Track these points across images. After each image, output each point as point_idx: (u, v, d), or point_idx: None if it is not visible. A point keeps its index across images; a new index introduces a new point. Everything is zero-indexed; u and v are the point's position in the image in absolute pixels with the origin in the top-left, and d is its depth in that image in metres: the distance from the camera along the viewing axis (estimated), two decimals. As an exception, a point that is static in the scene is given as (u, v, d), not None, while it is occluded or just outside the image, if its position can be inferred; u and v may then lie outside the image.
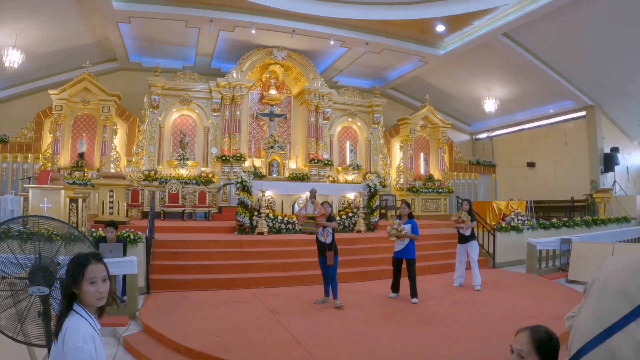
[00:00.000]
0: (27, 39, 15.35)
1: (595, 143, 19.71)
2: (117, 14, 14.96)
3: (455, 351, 6.01)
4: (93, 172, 17.15)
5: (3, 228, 3.86)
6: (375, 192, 15.40)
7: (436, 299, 9.06)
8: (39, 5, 14.14)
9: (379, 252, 12.19)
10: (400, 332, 6.83)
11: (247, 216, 13.57)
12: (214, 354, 5.75)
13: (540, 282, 11.14)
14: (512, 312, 7.99)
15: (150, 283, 9.38)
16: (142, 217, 16.50)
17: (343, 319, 7.54)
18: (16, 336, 3.49)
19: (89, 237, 4.02)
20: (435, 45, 18.52)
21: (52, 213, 9.85)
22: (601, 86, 18.44)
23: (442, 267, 12.09)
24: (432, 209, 21.44)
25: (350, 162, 20.62)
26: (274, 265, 10.99)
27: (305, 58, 19.54)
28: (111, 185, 13.81)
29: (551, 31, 15.81)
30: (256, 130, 19.92)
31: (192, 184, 17.78)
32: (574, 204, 19.58)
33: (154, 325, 6.91)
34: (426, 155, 22.67)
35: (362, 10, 16.23)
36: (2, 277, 3.66)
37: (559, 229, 14.70)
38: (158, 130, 18.28)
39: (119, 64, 19.69)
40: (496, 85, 20.43)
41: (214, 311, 7.96)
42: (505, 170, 24.64)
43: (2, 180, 17.28)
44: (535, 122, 22.55)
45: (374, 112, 21.36)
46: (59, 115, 16.95)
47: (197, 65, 20.12)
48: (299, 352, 5.92)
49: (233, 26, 16.53)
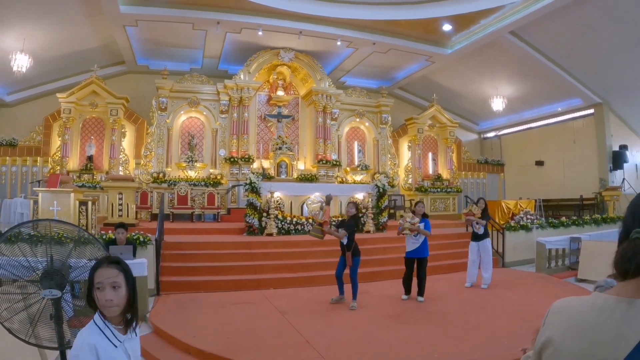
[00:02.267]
0: (35, 43, 15.42)
1: (603, 141, 19.59)
2: (124, 17, 15.00)
3: (465, 351, 6.00)
4: (102, 175, 17.18)
5: (14, 232, 3.89)
6: (383, 192, 15.38)
7: (445, 299, 9.05)
8: (46, 10, 14.21)
9: (387, 252, 12.19)
10: (409, 332, 6.83)
11: (256, 217, 13.57)
12: (224, 355, 5.76)
13: (550, 281, 11.10)
14: (522, 311, 7.95)
15: (160, 285, 9.41)
16: (152, 219, 16.52)
17: (352, 319, 7.54)
18: (28, 339, 3.51)
19: (99, 240, 4.05)
20: (442, 45, 18.48)
21: (62, 216, 9.89)
22: (609, 83, 18.35)
23: (451, 266, 12.06)
24: (440, 209, 21.39)
25: (359, 162, 20.57)
26: (283, 266, 11.00)
27: (312, 59, 19.53)
28: (120, 187, 13.85)
29: (558, 29, 15.75)
30: (264, 132, 19.95)
31: (201, 185, 17.80)
32: (583, 202, 19.49)
33: (164, 326, 6.93)
34: (434, 154, 22.61)
35: (368, 11, 16.21)
36: (13, 279, 3.69)
37: (568, 228, 14.61)
38: (166, 132, 18.33)
39: (126, 67, 19.75)
40: (504, 84, 20.36)
41: (223, 312, 7.98)
42: (513, 169, 24.57)
43: (11, 184, 17.38)
44: (543, 120, 22.44)
45: (381, 112, 21.33)
46: (67, 118, 17.03)
47: (204, 68, 20.16)
48: (309, 352, 5.92)
49: (240, 28, 16.55)
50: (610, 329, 1.66)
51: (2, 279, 3.78)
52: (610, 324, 1.67)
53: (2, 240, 3.78)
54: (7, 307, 3.56)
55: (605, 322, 1.69)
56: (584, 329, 1.72)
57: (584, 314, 1.73)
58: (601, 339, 1.65)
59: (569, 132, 21.01)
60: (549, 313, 1.86)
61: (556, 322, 1.80)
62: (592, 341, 1.66)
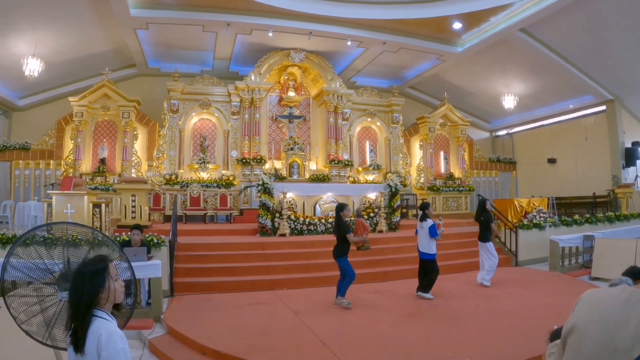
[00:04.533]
0: (46, 48, 15.55)
1: (616, 137, 19.43)
2: (134, 20, 15.08)
3: (478, 350, 5.97)
4: (115, 177, 17.26)
5: (29, 235, 3.92)
6: (396, 192, 15.36)
7: (459, 298, 9.01)
8: (57, 14, 14.32)
9: (400, 252, 12.17)
10: (423, 332, 6.82)
11: (269, 218, 13.59)
12: (239, 355, 5.78)
13: (564, 280, 11.04)
14: (535, 310, 7.91)
15: (174, 286, 9.45)
16: (164, 221, 16.58)
17: (367, 319, 7.54)
18: (45, 340, 3.54)
19: (114, 241, 4.07)
20: (453, 43, 18.42)
21: (76, 218, 9.96)
22: (621, 79, 18.19)
23: (464, 265, 12.03)
24: (453, 208, 21.33)
25: (371, 162, 20.54)
26: (296, 267, 11.01)
27: (322, 59, 19.53)
28: (133, 189, 13.89)
29: (569, 25, 15.65)
30: (276, 133, 19.98)
31: (213, 187, 17.86)
32: (596, 199, 19.35)
33: (179, 327, 6.97)
34: (446, 153, 22.55)
35: (378, 10, 16.20)
36: (28, 282, 3.72)
37: (581, 226, 14.52)
38: (178, 134, 18.41)
39: (137, 69, 19.87)
40: (515, 82, 20.26)
41: (237, 313, 8.00)
42: (525, 167, 24.44)
43: (24, 187, 17.52)
44: (555, 117, 22.29)
45: (392, 111, 21.29)
46: (79, 121, 17.16)
47: (215, 69, 20.20)
48: (323, 352, 5.93)
49: (250, 29, 16.58)
50: (631, 322, 1.67)
51: (17, 281, 3.82)
52: (633, 317, 1.69)
53: (18, 243, 3.82)
54: (24, 309, 3.60)
55: (628, 314, 1.71)
56: (606, 317, 1.75)
57: (609, 304, 1.76)
58: (621, 329, 1.67)
59: (581, 129, 20.86)
60: (578, 301, 1.90)
61: (583, 310, 1.85)
62: (612, 329, 1.69)
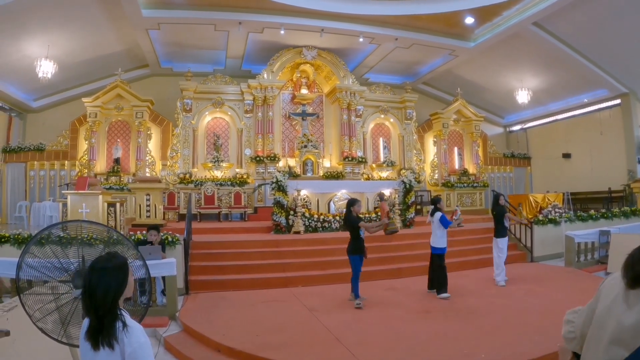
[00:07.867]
0: (59, 50, 15.66)
1: (631, 131, 19.20)
2: (146, 21, 15.17)
3: (494, 346, 5.93)
4: (129, 177, 17.41)
5: (44, 234, 3.94)
6: (410, 188, 15.27)
7: (474, 294, 8.96)
8: (69, 16, 14.43)
9: (415, 248, 12.11)
10: (439, 328, 6.78)
11: (283, 216, 13.58)
12: (254, 352, 5.79)
13: (580, 276, 10.94)
14: (551, 306, 7.83)
15: (189, 284, 9.48)
16: (179, 220, 16.65)
17: (381, 316, 7.52)
18: (60, 338, 3.56)
19: (129, 239, 4.09)
20: (465, 38, 18.33)
21: (91, 218, 10.01)
22: (635, 72, 17.97)
23: (479, 262, 11.93)
24: (467, 204, 21.21)
25: (384, 158, 20.51)
26: (311, 264, 10.99)
27: (335, 56, 19.50)
28: (147, 189, 13.96)
29: (582, 18, 15.49)
30: (289, 130, 20.00)
31: (227, 185, 17.92)
32: (612, 194, 19.19)
33: (194, 325, 6.99)
34: (460, 149, 22.43)
35: (390, 6, 16.16)
36: (44, 281, 3.74)
37: (597, 221, 14.37)
38: (192, 133, 18.49)
39: (150, 70, 19.98)
40: (528, 76, 20.11)
41: (252, 310, 8.01)
42: (540, 162, 24.28)
43: (40, 188, 17.70)
44: (569, 112, 22.12)
45: (406, 107, 21.25)
46: (93, 122, 17.31)
47: (227, 68, 20.28)
48: (339, 349, 5.92)
49: (262, 28, 16.61)
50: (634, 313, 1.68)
51: (33, 280, 3.84)
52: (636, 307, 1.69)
53: (33, 242, 3.84)
54: (39, 307, 3.62)
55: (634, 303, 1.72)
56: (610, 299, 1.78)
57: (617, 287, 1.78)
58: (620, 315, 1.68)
59: (595, 124, 20.67)
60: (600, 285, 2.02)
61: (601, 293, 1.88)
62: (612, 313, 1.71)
